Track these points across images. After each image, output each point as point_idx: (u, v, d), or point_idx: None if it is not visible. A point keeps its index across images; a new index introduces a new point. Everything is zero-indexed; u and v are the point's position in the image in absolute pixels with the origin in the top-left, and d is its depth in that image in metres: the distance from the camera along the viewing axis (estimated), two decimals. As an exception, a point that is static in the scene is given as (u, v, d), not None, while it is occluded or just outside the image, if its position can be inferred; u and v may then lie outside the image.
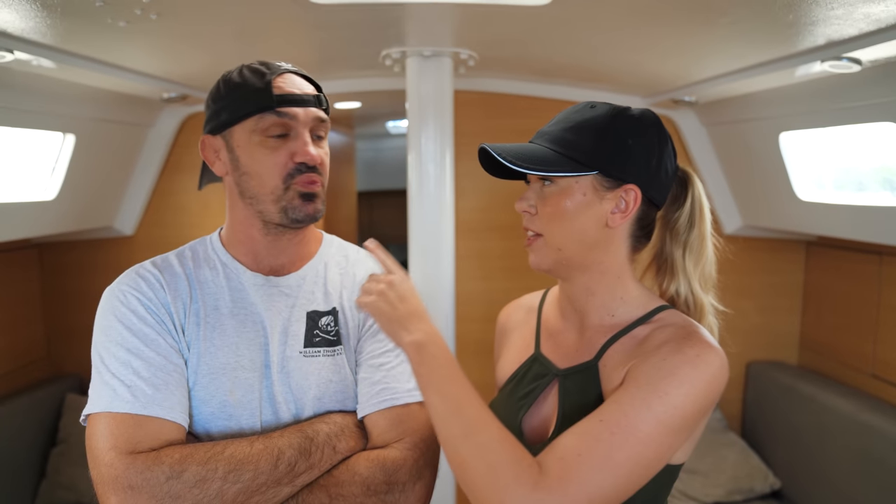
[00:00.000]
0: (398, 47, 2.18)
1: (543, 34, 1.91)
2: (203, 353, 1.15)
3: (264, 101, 1.14)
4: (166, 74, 2.32)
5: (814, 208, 2.33)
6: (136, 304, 1.13)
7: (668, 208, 1.17)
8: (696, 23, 1.62)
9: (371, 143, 6.16)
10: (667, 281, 1.18)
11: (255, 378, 1.16)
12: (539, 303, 1.31)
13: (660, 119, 1.12)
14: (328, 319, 1.24)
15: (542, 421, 1.14)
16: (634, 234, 1.13)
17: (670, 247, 1.17)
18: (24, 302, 2.91)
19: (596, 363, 1.09)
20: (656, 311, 1.11)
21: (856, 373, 2.52)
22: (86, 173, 2.55)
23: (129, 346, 1.09)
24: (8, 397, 2.67)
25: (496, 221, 2.95)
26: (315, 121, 1.18)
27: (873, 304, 2.43)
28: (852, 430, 2.29)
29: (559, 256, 1.11)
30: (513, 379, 1.24)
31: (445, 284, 2.35)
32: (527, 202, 1.17)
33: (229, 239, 1.25)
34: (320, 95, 1.21)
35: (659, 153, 1.09)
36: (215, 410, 1.13)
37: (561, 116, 1.15)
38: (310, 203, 1.17)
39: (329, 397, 1.19)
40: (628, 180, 1.07)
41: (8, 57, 1.64)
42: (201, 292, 1.20)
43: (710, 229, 1.18)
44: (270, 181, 1.16)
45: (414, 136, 2.29)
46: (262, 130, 1.14)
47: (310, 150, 1.16)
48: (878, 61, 1.64)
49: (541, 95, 2.88)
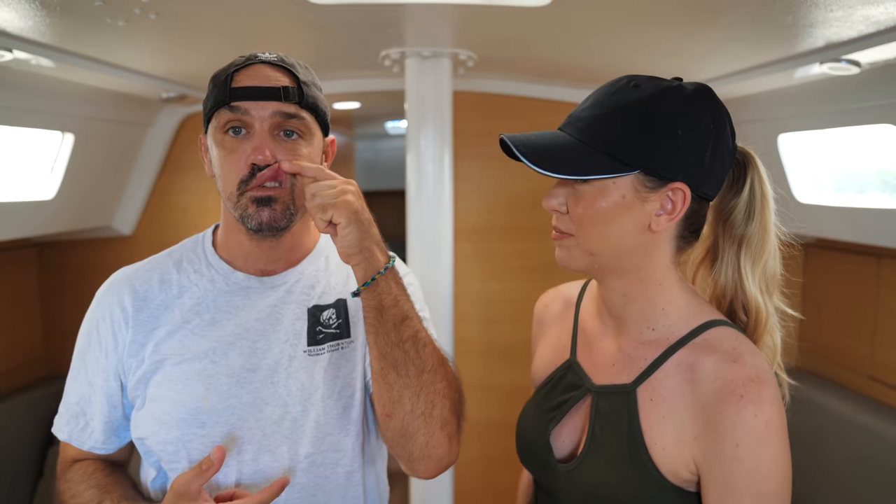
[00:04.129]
0: (397, 48, 2.18)
1: (543, 35, 1.91)
2: (180, 359, 1.10)
3: (221, 95, 1.05)
4: (165, 74, 2.32)
5: (812, 210, 2.33)
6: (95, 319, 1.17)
7: (722, 195, 1.00)
8: (695, 24, 1.62)
9: (370, 143, 6.15)
10: (721, 282, 1.02)
11: (233, 384, 1.10)
12: (578, 297, 1.17)
13: (715, 95, 0.94)
14: (330, 313, 1.16)
15: (571, 437, 1.05)
16: (681, 235, 0.98)
17: (724, 242, 1.01)
18: (23, 301, 2.90)
19: (634, 388, 0.97)
20: (702, 329, 0.96)
21: (853, 375, 2.52)
22: (84, 173, 2.55)
23: (74, 369, 1.19)
24: (6, 396, 2.66)
25: (495, 222, 2.95)
26: (277, 115, 1.05)
27: (871, 307, 2.43)
28: (850, 432, 2.29)
29: (592, 261, 0.97)
30: (546, 384, 1.12)
31: (444, 285, 2.35)
32: (556, 200, 0.98)
33: (222, 240, 1.20)
34: (290, 87, 1.06)
35: (714, 141, 0.92)
36: (187, 417, 1.09)
37: (597, 97, 0.95)
38: (264, 208, 1.05)
39: (339, 393, 1.14)
40: (676, 179, 0.91)
41: (7, 56, 1.64)
42: (182, 299, 1.14)
43: (775, 219, 1.00)
44: (228, 185, 1.07)
45: (413, 136, 2.29)
46: (220, 128, 1.06)
47: (262, 147, 1.03)
48: (877, 63, 1.64)
49: (540, 96, 2.88)
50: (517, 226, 2.93)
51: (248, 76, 1.06)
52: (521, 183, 2.85)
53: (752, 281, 1.00)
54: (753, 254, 0.99)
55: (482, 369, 2.91)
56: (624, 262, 0.97)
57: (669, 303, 0.99)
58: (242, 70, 1.06)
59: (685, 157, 0.91)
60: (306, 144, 1.09)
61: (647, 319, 1.00)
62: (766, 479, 0.86)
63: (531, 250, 2.93)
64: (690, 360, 0.94)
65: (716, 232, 1.02)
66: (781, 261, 1.02)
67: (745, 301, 1.01)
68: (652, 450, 0.94)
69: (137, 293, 1.15)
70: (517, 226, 2.93)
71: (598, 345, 1.06)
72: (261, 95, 1.04)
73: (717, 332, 0.96)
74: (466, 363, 2.83)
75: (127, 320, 1.13)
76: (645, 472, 0.94)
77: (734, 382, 0.89)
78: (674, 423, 0.93)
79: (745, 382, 0.88)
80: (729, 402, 0.88)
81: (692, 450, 0.91)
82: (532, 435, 1.09)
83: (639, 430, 0.95)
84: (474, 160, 2.87)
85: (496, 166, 2.89)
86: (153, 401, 1.11)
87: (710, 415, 0.90)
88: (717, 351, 0.93)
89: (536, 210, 2.86)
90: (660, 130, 0.89)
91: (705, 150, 0.91)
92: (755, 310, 1.00)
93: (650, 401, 0.96)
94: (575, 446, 1.04)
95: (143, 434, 1.12)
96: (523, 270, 2.95)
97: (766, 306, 1.00)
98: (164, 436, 1.09)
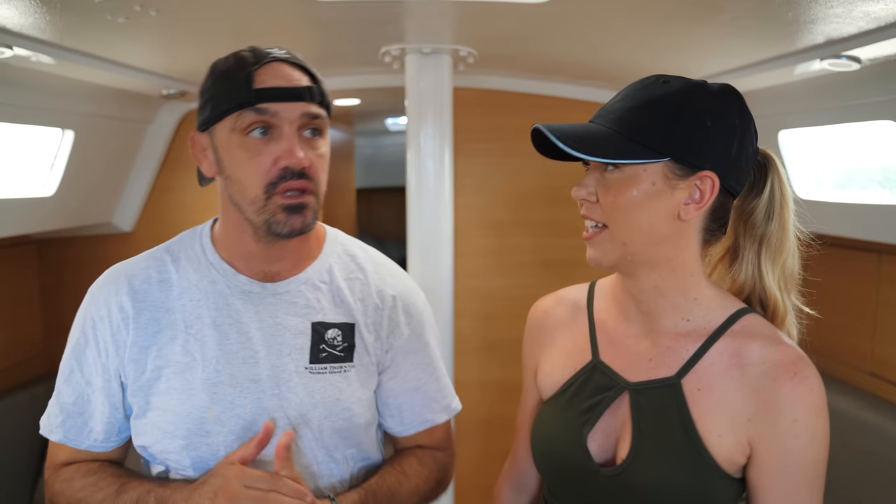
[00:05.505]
0: (397, 44, 2.18)
1: (543, 31, 1.91)
2: (184, 367, 1.08)
3: (243, 96, 1.00)
4: (166, 71, 2.31)
5: (812, 206, 2.33)
6: (91, 318, 1.13)
7: (743, 196, 1.04)
8: (694, 20, 1.62)
9: (370, 139, 6.15)
10: (740, 279, 1.05)
11: (237, 394, 1.08)
12: (587, 299, 1.16)
13: (741, 94, 0.99)
14: (335, 332, 1.12)
15: (610, 438, 1.03)
16: (708, 227, 1.00)
17: (745, 241, 1.04)
18: (23, 298, 2.91)
19: (679, 381, 0.99)
20: (737, 317, 1.00)
21: (854, 371, 2.52)
22: (85, 169, 2.55)
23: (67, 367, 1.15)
24: (6, 393, 2.67)
25: (495, 218, 2.95)
26: (305, 117, 1.03)
27: (872, 303, 2.43)
28: (850, 429, 2.29)
29: (624, 252, 0.98)
30: (567, 389, 1.09)
31: (444, 281, 2.35)
32: (585, 189, 0.99)
33: (221, 239, 1.16)
34: (313, 87, 1.05)
35: (740, 135, 0.96)
36: (192, 427, 1.07)
37: (627, 92, 0.99)
38: (296, 216, 1.04)
39: (336, 416, 1.12)
40: (704, 167, 0.94)
41: (7, 53, 1.64)
42: (182, 300, 1.11)
43: (794, 220, 1.04)
44: (252, 189, 1.04)
45: (413, 133, 2.28)
46: (241, 130, 1.02)
47: (297, 152, 1.01)
48: (878, 60, 1.64)
49: (540, 93, 2.87)
50: (518, 222, 2.93)
51: (270, 76, 1.02)
52: (522, 179, 2.85)
53: (771, 278, 1.03)
54: (773, 252, 1.03)
55: (482, 366, 2.91)
56: (655, 252, 0.98)
57: (701, 293, 1.01)
58: (261, 69, 1.02)
59: (713, 147, 0.94)
60: (324, 142, 1.09)
61: (680, 311, 1.02)
62: (819, 448, 0.95)
63: (533, 246, 2.93)
64: (734, 347, 0.98)
65: (737, 232, 1.05)
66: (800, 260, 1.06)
67: (763, 297, 1.05)
68: (707, 439, 0.96)
69: (136, 293, 1.12)
70: (518, 222, 2.93)
71: (627, 343, 1.06)
72: (289, 96, 1.01)
73: (752, 319, 1.01)
74: (466, 360, 2.83)
75: (127, 322, 1.10)
76: (701, 462, 0.95)
77: (784, 362, 0.94)
78: (727, 409, 0.96)
79: (794, 361, 0.95)
80: (783, 381, 0.93)
81: (747, 432, 0.95)
82: (563, 444, 1.05)
83: (690, 421, 0.96)
84: (475, 157, 2.87)
85: (497, 162, 2.89)
86: (156, 409, 1.09)
87: (764, 396, 0.94)
88: (759, 336, 0.98)
89: (538, 206, 2.89)
90: (689, 121, 0.93)
91: (732, 142, 0.96)
92: (773, 306, 1.04)
93: (698, 391, 0.97)
94: (613, 448, 1.02)
95: (146, 443, 1.11)
96: (524, 266, 2.95)
97: (783, 303, 1.04)
98: (168, 445, 1.09)
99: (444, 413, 1.27)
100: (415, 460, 1.23)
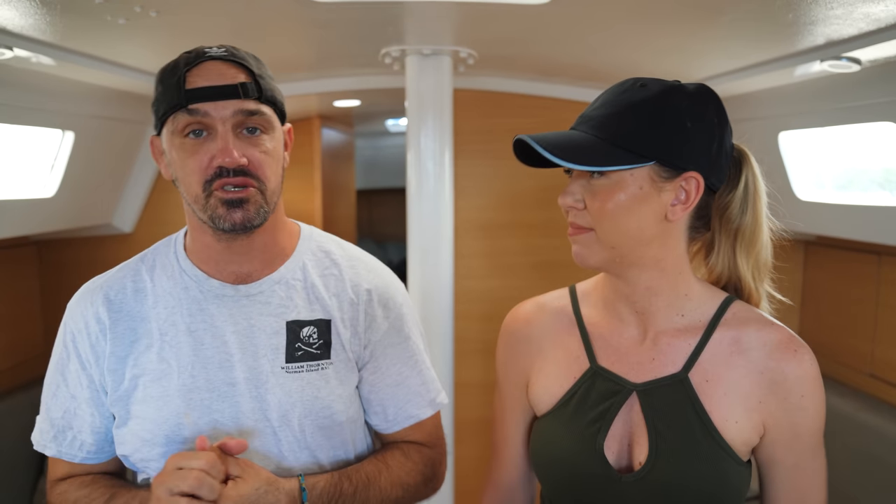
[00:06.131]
0: (398, 45, 2.18)
1: (543, 33, 1.91)
2: (160, 375, 1.08)
3: (175, 98, 1.01)
4: (166, 72, 2.31)
5: (813, 208, 2.33)
6: (71, 331, 1.14)
7: (720, 191, 1.04)
8: (695, 22, 1.62)
9: (370, 141, 6.15)
10: (717, 269, 1.07)
11: (214, 399, 1.08)
12: (571, 305, 1.14)
13: (716, 93, 1.00)
14: (310, 330, 1.12)
15: (623, 443, 1.02)
16: (693, 226, 1.03)
17: (720, 234, 1.05)
18: (23, 299, 2.90)
19: (686, 376, 1.00)
20: (725, 306, 1.03)
21: (854, 372, 2.52)
22: (85, 170, 2.55)
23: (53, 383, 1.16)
24: (6, 394, 2.67)
25: (495, 219, 2.95)
26: (239, 114, 1.02)
27: (872, 304, 2.43)
28: (850, 430, 2.29)
29: (612, 255, 0.99)
30: (569, 400, 1.06)
31: (444, 283, 2.35)
32: (572, 196, 0.99)
33: (190, 244, 1.15)
34: (248, 84, 1.02)
35: (719, 134, 0.98)
36: (170, 434, 1.07)
37: (605, 98, 0.99)
38: (236, 210, 1.02)
39: (316, 414, 1.11)
40: (689, 168, 0.95)
41: (7, 54, 1.64)
42: (157, 308, 1.11)
43: (766, 212, 1.06)
44: (193, 188, 1.03)
45: (413, 134, 2.29)
46: (179, 132, 1.02)
47: (230, 150, 1.00)
48: (878, 61, 1.64)
49: (540, 94, 2.88)
50: (518, 223, 2.93)
51: (201, 75, 1.01)
52: (522, 180, 2.84)
53: (746, 268, 1.06)
54: (747, 244, 1.05)
55: (482, 367, 2.91)
56: (643, 253, 0.99)
57: (690, 288, 1.04)
58: (193, 69, 1.02)
59: (695, 147, 0.96)
60: (270, 139, 1.07)
61: (674, 307, 1.04)
62: (822, 414, 1.01)
63: (532, 247, 2.93)
64: (731, 335, 1.01)
65: (713, 225, 1.06)
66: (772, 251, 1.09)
67: (738, 286, 1.08)
68: (723, 427, 0.98)
69: (112, 303, 1.12)
70: (518, 223, 2.93)
71: (625, 345, 1.06)
72: (219, 95, 1.00)
73: (739, 306, 1.04)
74: (466, 361, 2.83)
75: (104, 332, 1.11)
76: (721, 452, 0.97)
77: (783, 342, 0.99)
78: (738, 396, 0.99)
79: (790, 339, 0.99)
80: (787, 360, 0.98)
81: (761, 414, 0.99)
82: (576, 455, 1.03)
83: (704, 413, 0.98)
84: (475, 158, 2.87)
85: (497, 164, 2.89)
86: (135, 418, 1.09)
87: (771, 376, 0.98)
88: (751, 321, 1.02)
89: (537, 207, 2.89)
90: (670, 124, 0.94)
91: (712, 141, 0.97)
92: (747, 293, 1.08)
93: (706, 382, 1.00)
94: (627, 453, 1.01)
95: (126, 451, 1.12)
96: (524, 267, 2.94)
97: (757, 290, 1.08)
98: (147, 452, 1.09)
99: (429, 408, 1.25)
100: (398, 452, 1.22)
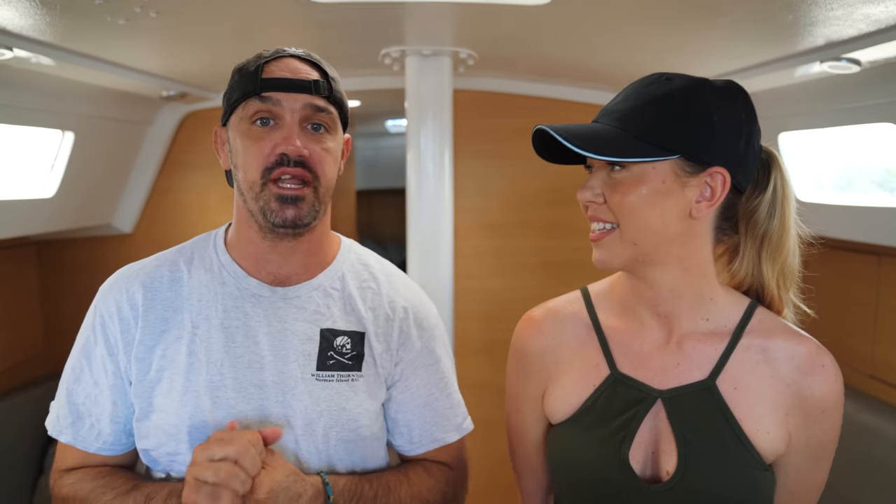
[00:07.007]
0: (398, 46, 2.18)
1: (543, 33, 1.91)
2: (187, 367, 1.07)
3: (250, 86, 1.04)
4: (166, 72, 2.31)
5: (813, 209, 2.33)
6: (101, 315, 1.12)
7: (747, 194, 1.01)
8: (695, 22, 1.62)
9: (370, 141, 6.15)
10: (740, 274, 1.04)
11: (240, 399, 1.07)
12: (587, 310, 1.09)
13: (745, 90, 0.97)
14: (344, 340, 1.11)
15: (648, 452, 0.98)
16: (719, 227, 0.99)
17: (746, 238, 1.02)
18: (23, 299, 2.91)
19: (714, 383, 0.97)
20: (750, 313, 1.01)
21: (854, 374, 2.52)
22: (84, 171, 2.55)
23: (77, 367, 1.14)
24: (6, 394, 2.67)
25: (495, 220, 2.95)
26: (308, 108, 1.05)
27: (872, 305, 2.43)
28: (850, 431, 2.26)
29: (634, 252, 0.95)
30: (590, 408, 1.02)
31: (444, 283, 2.35)
32: (591, 191, 0.96)
33: (233, 238, 1.15)
34: (320, 81, 1.06)
35: (747, 130, 0.94)
36: (194, 430, 1.06)
37: (629, 92, 0.97)
38: (289, 207, 1.03)
39: (342, 426, 1.10)
40: (714, 163, 0.92)
41: (7, 54, 1.64)
42: (191, 300, 1.11)
43: (796, 218, 1.02)
44: (250, 174, 1.05)
45: (413, 134, 2.29)
46: (248, 119, 1.05)
47: (295, 140, 1.02)
48: (878, 62, 1.64)
49: (540, 95, 2.88)
50: (518, 223, 2.93)
51: (278, 68, 1.06)
52: (523, 181, 2.85)
53: (770, 276, 1.02)
54: (773, 250, 1.02)
55: (482, 367, 2.91)
56: (666, 252, 0.96)
57: (715, 292, 1.01)
58: (272, 62, 1.06)
59: (722, 142, 0.92)
60: (332, 139, 1.09)
61: (699, 311, 1.00)
62: (837, 430, 0.99)
63: (533, 248, 2.93)
64: (758, 343, 0.99)
65: (738, 229, 1.03)
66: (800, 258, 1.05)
67: (760, 293, 1.04)
68: (754, 437, 0.96)
69: (148, 290, 1.11)
70: (518, 223, 2.93)
71: (648, 350, 1.02)
72: (293, 87, 1.04)
73: (763, 313, 1.02)
74: (468, 361, 2.83)
75: (136, 319, 1.10)
76: (752, 461, 0.95)
77: (811, 355, 0.98)
78: (767, 406, 0.97)
79: (818, 352, 0.98)
80: (815, 374, 0.97)
81: (787, 425, 0.97)
82: (600, 465, 0.99)
83: (735, 421, 0.96)
84: (475, 158, 2.87)
85: (497, 164, 2.89)
86: (159, 411, 1.08)
87: (797, 389, 0.97)
88: (777, 330, 1.00)
89: (538, 208, 2.89)
90: (696, 117, 0.91)
91: (739, 137, 0.94)
92: (769, 301, 1.04)
93: (734, 389, 0.97)
94: (653, 462, 0.97)
95: (148, 446, 1.10)
96: (525, 268, 2.94)
97: (780, 299, 1.04)
98: (172, 447, 1.08)
99: (455, 432, 1.23)
100: (421, 468, 1.21)
